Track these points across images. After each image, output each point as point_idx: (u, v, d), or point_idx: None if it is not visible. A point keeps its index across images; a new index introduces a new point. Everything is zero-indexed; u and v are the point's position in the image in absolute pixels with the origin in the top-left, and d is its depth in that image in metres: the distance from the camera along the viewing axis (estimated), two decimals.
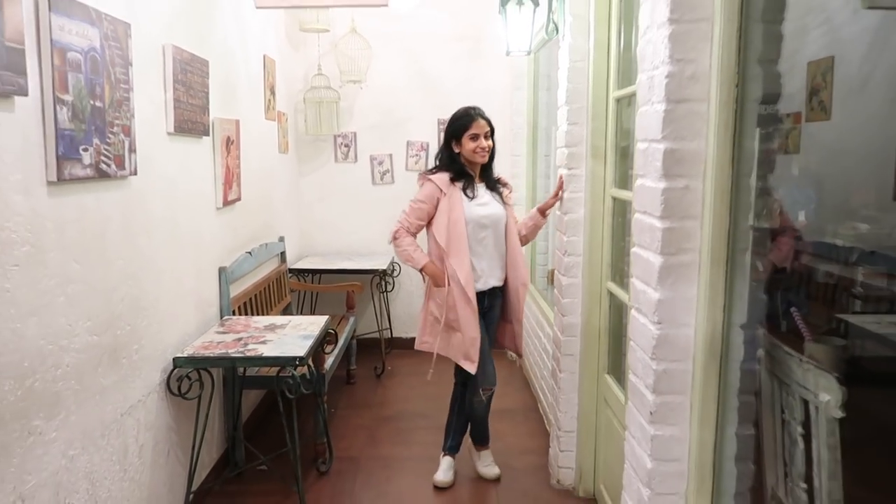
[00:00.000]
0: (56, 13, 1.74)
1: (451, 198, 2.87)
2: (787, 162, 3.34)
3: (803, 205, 3.09)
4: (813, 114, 2.88)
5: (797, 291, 2.86)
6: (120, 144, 2.11)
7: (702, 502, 1.73)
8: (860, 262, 2.03)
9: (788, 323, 2.78)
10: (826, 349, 2.28)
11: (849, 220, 2.36)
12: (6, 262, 1.60)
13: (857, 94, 2.51)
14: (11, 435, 1.63)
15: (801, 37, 3.00)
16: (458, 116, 2.95)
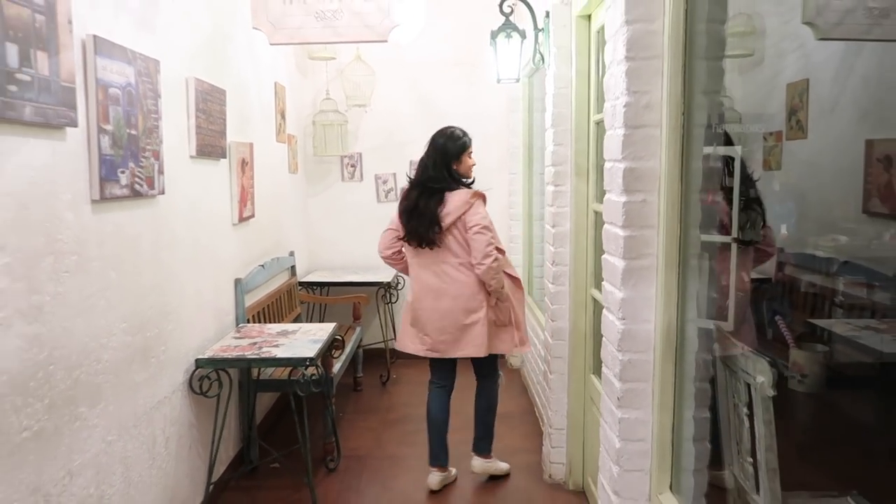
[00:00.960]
0: (100, 55, 2.03)
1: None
2: (769, 178, 3.61)
3: (785, 218, 3.36)
4: (792, 132, 3.16)
5: (780, 300, 3.10)
6: (150, 167, 2.38)
7: (663, 477, 1.96)
8: (839, 273, 2.27)
9: (773, 330, 3.03)
10: (808, 355, 2.52)
11: (826, 232, 2.62)
12: (59, 268, 1.86)
13: (829, 113, 2.77)
14: (63, 419, 1.88)
15: (779, 60, 3.28)
16: (458, 136, 3.13)
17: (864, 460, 1.97)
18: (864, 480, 1.89)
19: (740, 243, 2.08)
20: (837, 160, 2.60)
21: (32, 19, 1.69)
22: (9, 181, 1.65)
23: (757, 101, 3.42)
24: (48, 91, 1.76)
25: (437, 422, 3.25)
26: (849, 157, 2.42)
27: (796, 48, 2.97)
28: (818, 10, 2.57)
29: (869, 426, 2.09)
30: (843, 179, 2.39)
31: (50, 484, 1.82)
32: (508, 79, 3.52)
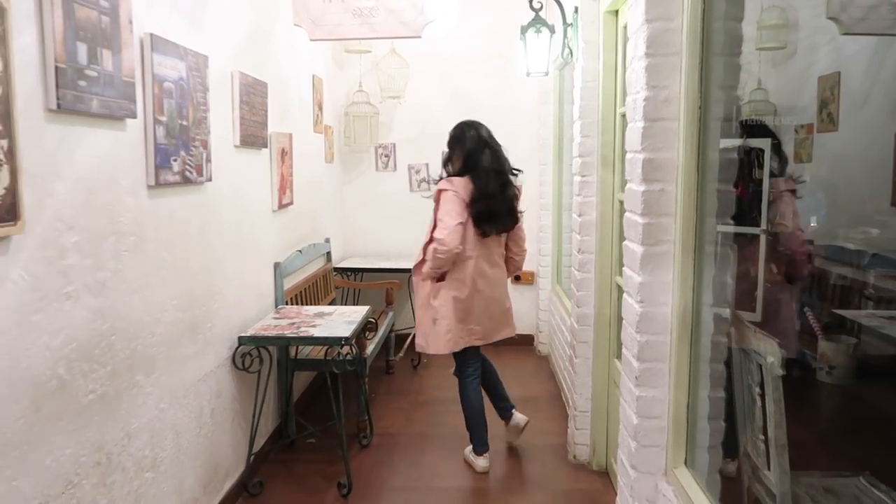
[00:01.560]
0: (156, 52, 2.19)
1: (464, 202, 3.25)
2: (799, 171, 3.66)
3: (815, 210, 3.41)
4: (823, 125, 3.22)
5: (809, 292, 3.16)
6: (199, 156, 2.55)
7: (678, 453, 2.07)
8: (869, 265, 2.33)
9: (802, 322, 3.09)
10: (836, 346, 2.60)
11: (855, 224, 2.67)
12: (120, 248, 2.04)
13: (860, 106, 2.83)
14: (122, 385, 2.06)
15: (811, 53, 3.33)
16: (468, 126, 3.39)
17: (884, 447, 2.04)
18: (881, 465, 1.97)
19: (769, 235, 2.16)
20: (867, 153, 2.65)
21: (99, 20, 1.86)
22: (79, 168, 1.82)
23: (789, 94, 3.46)
24: (112, 85, 1.93)
25: (481, 409, 3.36)
26: (878, 150, 2.48)
27: (828, 41, 3.02)
28: (842, 5, 2.64)
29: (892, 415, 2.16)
30: (873, 172, 2.44)
31: (111, 443, 2.01)
32: (538, 73, 3.62)
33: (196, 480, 2.61)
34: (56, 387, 1.73)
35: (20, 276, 1.59)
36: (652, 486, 2.10)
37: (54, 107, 1.68)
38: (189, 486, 2.55)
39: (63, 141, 1.75)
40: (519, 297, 5.46)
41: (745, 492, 2.08)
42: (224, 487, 2.89)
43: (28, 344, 1.63)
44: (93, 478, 1.91)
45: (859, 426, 2.37)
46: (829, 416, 2.55)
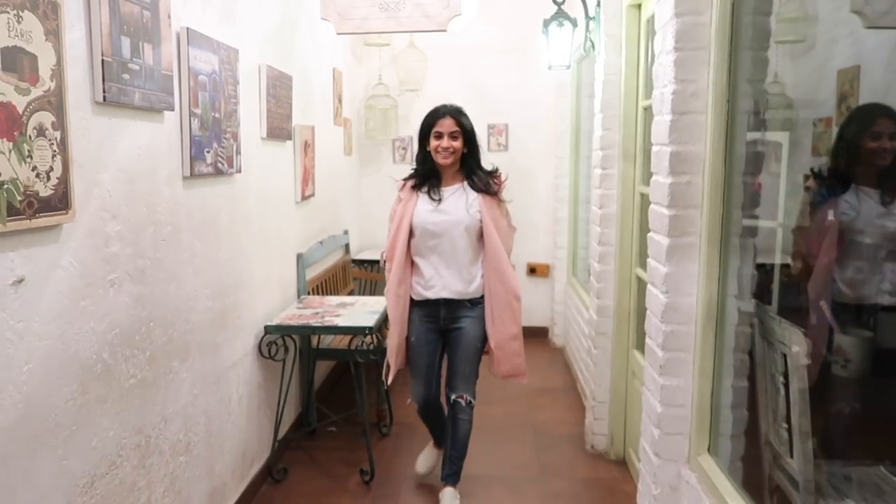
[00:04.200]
0: (192, 46, 2.24)
1: (407, 204, 2.79)
2: (817, 164, 3.68)
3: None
4: (842, 118, 3.23)
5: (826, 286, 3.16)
6: (230, 147, 2.60)
7: (702, 440, 2.11)
8: (886, 258, 2.35)
9: (818, 316, 3.11)
10: (853, 341, 2.62)
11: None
12: (157, 237, 2.10)
13: (880, 100, 2.84)
14: (160, 371, 2.12)
15: (830, 47, 3.35)
16: (428, 114, 2.82)
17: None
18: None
19: None
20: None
21: (141, 15, 1.91)
22: (121, 158, 1.88)
23: (807, 88, 3.47)
24: (152, 79, 1.98)
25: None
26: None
27: (848, 34, 3.03)
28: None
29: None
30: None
31: (150, 427, 2.07)
32: (560, 66, 3.65)
33: (225, 466, 2.67)
34: (101, 370, 1.79)
35: (70, 262, 1.65)
36: (675, 472, 2.14)
37: (101, 99, 1.74)
38: (219, 470, 2.61)
39: (108, 132, 1.81)
40: (533, 290, 5.52)
41: (767, 479, 2.13)
42: (251, 473, 2.96)
43: (77, 328, 1.69)
44: (133, 459, 1.97)
45: (874, 418, 2.40)
46: (845, 410, 2.58)
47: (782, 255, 3.46)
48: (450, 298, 2.78)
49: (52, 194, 1.53)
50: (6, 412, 1.44)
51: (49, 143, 1.51)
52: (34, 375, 1.53)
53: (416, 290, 2.82)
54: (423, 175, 2.82)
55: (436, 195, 2.77)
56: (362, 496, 3.04)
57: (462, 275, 2.77)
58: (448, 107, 2.79)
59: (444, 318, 2.82)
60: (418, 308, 2.84)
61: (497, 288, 2.76)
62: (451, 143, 2.72)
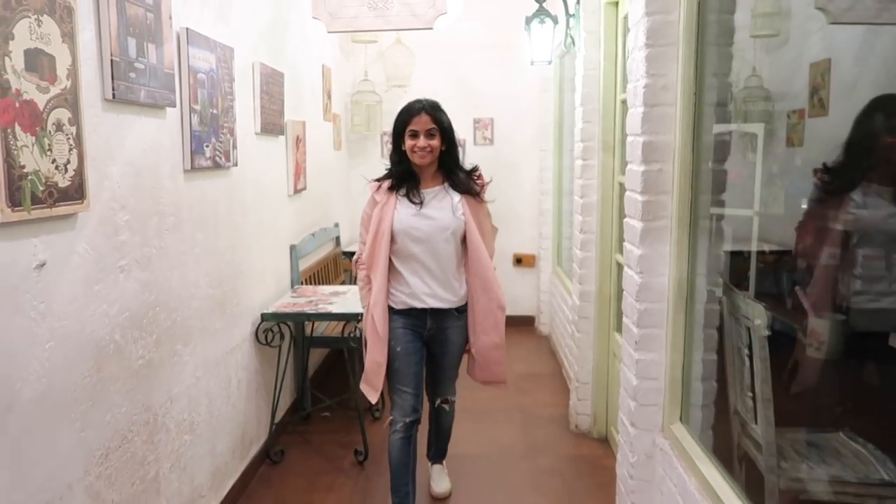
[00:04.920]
0: (191, 46, 2.36)
1: (384, 207, 2.55)
2: (791, 155, 3.86)
3: (806, 192, 3.60)
4: (814, 110, 3.40)
5: (801, 272, 3.32)
6: (227, 142, 2.72)
7: (674, 410, 2.26)
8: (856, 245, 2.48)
9: (793, 300, 3.27)
10: (825, 323, 2.78)
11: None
12: (161, 227, 2.22)
13: (849, 92, 3.00)
14: (165, 353, 2.25)
15: (803, 40, 3.51)
16: (402, 111, 2.59)
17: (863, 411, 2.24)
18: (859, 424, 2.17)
19: None
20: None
21: (145, 17, 2.03)
22: (129, 152, 2.00)
23: (782, 80, 3.62)
24: (155, 77, 2.10)
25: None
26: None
27: (819, 28, 3.19)
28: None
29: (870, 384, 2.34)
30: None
31: (157, 405, 2.19)
32: (541, 61, 3.79)
33: (226, 446, 2.80)
34: (113, 350, 1.92)
35: (85, 249, 1.77)
36: (650, 441, 2.30)
37: (110, 97, 1.86)
38: (220, 450, 2.74)
39: (116, 128, 1.93)
40: (520, 280, 5.67)
41: (736, 446, 2.28)
42: (249, 454, 3.09)
43: (91, 311, 1.81)
44: (143, 435, 2.10)
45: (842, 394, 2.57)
46: (816, 388, 2.74)
47: (758, 243, 3.63)
48: (438, 308, 2.58)
49: (69, 185, 1.65)
50: (32, 385, 1.57)
51: (66, 137, 1.64)
52: (55, 353, 1.65)
53: (397, 298, 2.59)
54: (399, 176, 2.58)
55: (416, 198, 2.55)
56: (356, 475, 3.18)
57: (450, 282, 2.58)
58: (423, 102, 2.57)
59: (430, 327, 2.62)
60: (400, 317, 2.59)
61: (480, 297, 2.59)
62: (429, 141, 2.51)
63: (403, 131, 2.55)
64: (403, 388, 2.60)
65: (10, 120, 1.44)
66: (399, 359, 2.59)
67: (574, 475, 3.17)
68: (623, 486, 2.46)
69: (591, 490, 3.00)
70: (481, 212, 2.63)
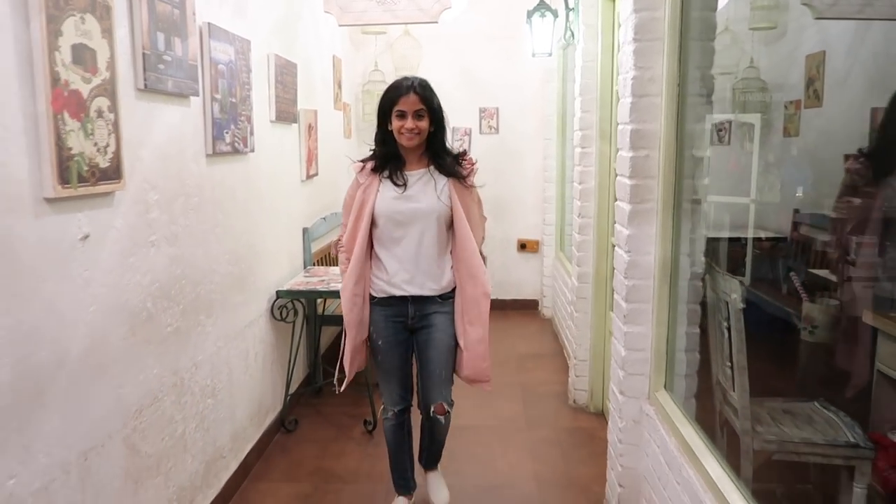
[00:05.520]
0: (213, 39, 2.55)
1: (367, 189, 2.46)
2: (787, 144, 4.00)
3: (801, 181, 3.74)
4: (809, 101, 3.55)
5: (795, 258, 3.47)
6: (245, 129, 2.91)
7: (659, 379, 2.44)
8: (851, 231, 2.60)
9: (788, 286, 3.42)
10: (818, 307, 2.95)
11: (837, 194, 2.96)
12: (187, 206, 2.41)
13: (842, 83, 3.14)
14: (190, 322, 2.45)
15: (799, 33, 3.64)
16: (388, 89, 2.47)
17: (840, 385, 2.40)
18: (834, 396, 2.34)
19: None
20: (848, 126, 2.95)
21: (172, 13, 2.21)
22: (158, 137, 2.19)
23: (779, 72, 3.76)
24: (181, 68, 2.28)
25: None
26: (857, 124, 2.78)
27: (815, 22, 3.33)
28: None
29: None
30: (851, 144, 2.75)
31: (183, 370, 2.40)
32: (542, 53, 3.95)
33: (244, 413, 3.01)
34: (146, 317, 2.12)
35: (121, 224, 1.97)
36: (637, 408, 2.48)
37: (142, 87, 2.04)
38: (239, 416, 2.94)
39: (147, 115, 2.12)
40: (524, 265, 5.86)
41: (718, 413, 2.46)
42: (266, 422, 3.30)
43: (127, 280, 2.01)
44: (171, 396, 2.30)
45: (825, 371, 2.74)
46: (805, 367, 2.91)
47: (755, 230, 3.78)
48: (419, 295, 2.47)
49: (108, 166, 1.84)
50: (78, 343, 1.77)
51: (106, 123, 1.82)
52: (97, 316, 1.85)
53: (377, 286, 2.49)
54: (383, 157, 2.48)
55: (399, 180, 2.44)
56: (366, 443, 3.38)
57: (432, 269, 2.46)
58: (412, 80, 2.42)
59: (412, 316, 2.50)
60: (381, 307, 2.50)
61: (466, 284, 2.47)
62: (417, 122, 2.38)
63: (390, 111, 2.41)
64: (389, 380, 2.58)
65: (60, 107, 1.63)
66: (382, 352, 2.53)
67: (571, 445, 3.36)
68: (613, 450, 2.64)
69: (585, 458, 3.19)
70: (469, 197, 2.49)
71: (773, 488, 2.37)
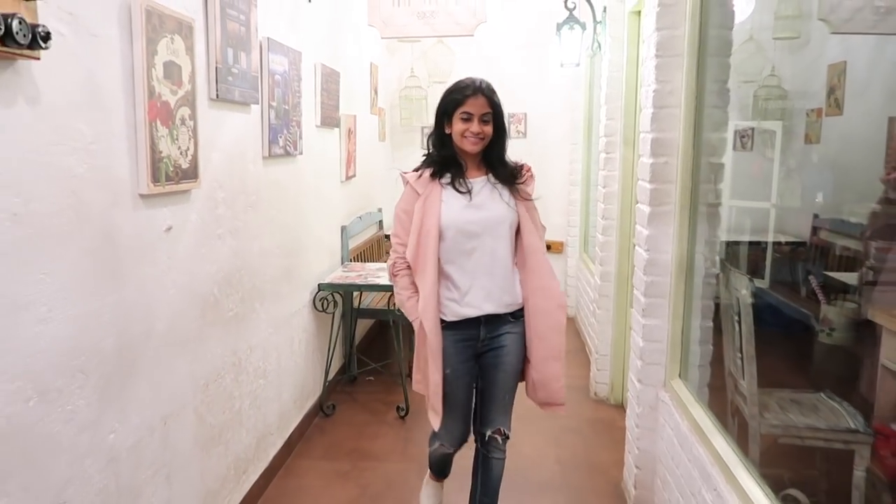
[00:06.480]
0: (271, 52, 2.81)
1: (428, 199, 2.23)
2: (808, 151, 4.18)
3: (822, 186, 3.92)
4: (830, 109, 3.73)
5: (814, 262, 3.63)
6: (295, 133, 3.17)
7: (674, 368, 2.64)
8: (870, 237, 2.75)
9: (807, 288, 3.59)
10: (836, 310, 3.13)
11: (857, 200, 3.13)
12: (246, 204, 2.67)
13: (862, 93, 3.31)
14: (247, 309, 2.71)
15: (822, 43, 3.82)
16: (453, 89, 2.24)
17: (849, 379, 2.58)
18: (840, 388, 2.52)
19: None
20: (867, 134, 3.12)
21: (239, 30, 2.47)
22: (225, 141, 2.45)
23: (802, 81, 3.92)
24: (245, 79, 2.55)
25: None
26: (875, 132, 2.95)
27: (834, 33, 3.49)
28: (832, 7, 3.16)
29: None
30: (870, 152, 2.91)
31: (241, 351, 2.66)
32: (570, 64, 4.17)
33: (289, 395, 3.27)
34: (213, 302, 2.38)
35: (195, 218, 2.23)
36: (654, 395, 2.68)
37: (214, 97, 2.31)
38: (284, 398, 3.20)
39: (217, 122, 2.38)
40: None
41: (729, 402, 2.66)
42: (307, 406, 3.56)
43: (198, 268, 2.27)
44: (231, 374, 2.56)
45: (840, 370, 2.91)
46: (820, 369, 3.07)
47: (775, 234, 3.95)
48: (493, 314, 2.25)
49: (188, 167, 2.10)
50: (162, 321, 2.03)
51: (187, 129, 2.09)
52: (175, 298, 2.11)
53: (448, 307, 2.24)
54: (442, 162, 2.26)
55: (463, 187, 2.23)
56: (398, 427, 3.63)
57: (507, 282, 2.24)
58: (479, 82, 2.21)
59: (483, 338, 2.28)
60: (451, 331, 2.25)
61: (537, 296, 2.26)
62: (483, 127, 2.19)
63: (453, 112, 2.20)
64: (452, 416, 2.30)
65: (154, 116, 1.89)
66: (449, 383, 2.26)
67: (591, 433, 3.57)
68: (630, 434, 2.85)
69: (605, 445, 3.40)
70: (529, 204, 2.29)
71: (780, 473, 2.56)
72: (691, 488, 2.22)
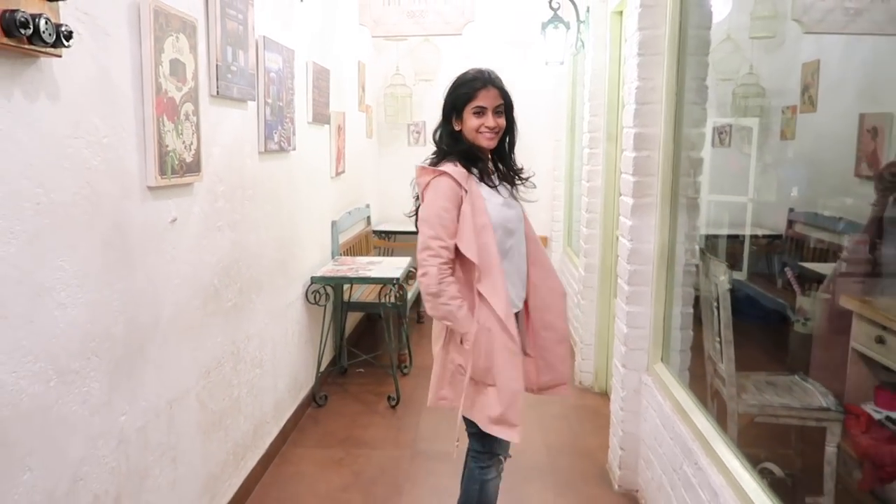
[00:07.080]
0: (267, 50, 2.89)
1: (473, 195, 2.02)
2: (784, 147, 4.32)
3: (796, 181, 4.06)
4: (804, 106, 3.87)
5: (789, 253, 3.76)
6: (289, 130, 3.25)
7: (657, 353, 2.76)
8: (842, 230, 2.87)
9: (783, 280, 3.73)
10: (811, 300, 3.26)
11: (829, 194, 3.25)
12: (244, 198, 2.75)
13: (835, 90, 3.44)
14: (244, 300, 2.79)
15: (797, 42, 3.95)
16: (460, 83, 2.11)
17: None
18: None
19: None
20: (838, 130, 3.26)
21: (237, 29, 2.55)
22: (224, 137, 2.53)
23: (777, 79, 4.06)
24: (243, 77, 2.62)
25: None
26: (847, 128, 3.09)
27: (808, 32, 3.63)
28: (805, 9, 3.30)
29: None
30: (842, 147, 3.05)
31: (239, 341, 2.74)
32: (554, 62, 4.28)
33: (284, 385, 3.35)
34: (213, 292, 2.46)
35: (198, 211, 2.31)
36: (637, 379, 2.81)
37: (214, 93, 2.38)
38: (279, 387, 3.28)
39: (217, 118, 2.46)
40: None
41: (709, 385, 2.79)
42: (300, 396, 3.64)
43: (200, 259, 2.35)
44: (230, 363, 2.64)
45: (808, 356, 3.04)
46: (796, 356, 3.21)
47: (752, 228, 4.09)
48: (518, 312, 2.16)
49: (191, 161, 2.18)
50: (167, 308, 2.11)
51: (190, 124, 2.17)
52: (180, 287, 2.19)
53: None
54: (466, 158, 2.07)
55: (491, 182, 2.09)
56: (390, 416, 3.72)
57: (523, 279, 2.17)
58: (488, 73, 2.10)
59: None
60: None
61: (543, 287, 2.18)
62: (497, 120, 2.07)
63: (463, 107, 2.07)
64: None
65: (161, 111, 1.97)
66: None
67: (577, 420, 3.69)
68: (615, 417, 2.97)
69: (591, 430, 3.52)
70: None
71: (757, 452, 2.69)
72: (673, 464, 2.34)
